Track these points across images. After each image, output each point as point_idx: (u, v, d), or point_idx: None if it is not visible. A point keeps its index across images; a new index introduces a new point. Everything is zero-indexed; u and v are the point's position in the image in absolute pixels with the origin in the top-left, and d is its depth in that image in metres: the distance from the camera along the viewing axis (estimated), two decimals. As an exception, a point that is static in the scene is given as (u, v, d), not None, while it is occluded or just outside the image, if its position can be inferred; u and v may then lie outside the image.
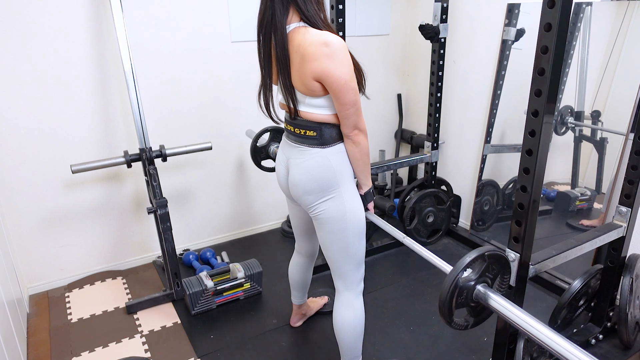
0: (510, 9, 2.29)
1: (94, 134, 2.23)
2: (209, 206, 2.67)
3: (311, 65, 1.27)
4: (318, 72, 1.27)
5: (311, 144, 1.43)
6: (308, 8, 1.31)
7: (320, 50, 1.25)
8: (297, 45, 1.29)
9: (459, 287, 1.22)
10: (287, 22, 1.32)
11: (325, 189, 1.43)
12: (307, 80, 1.30)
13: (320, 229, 1.50)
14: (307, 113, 1.40)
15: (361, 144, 1.40)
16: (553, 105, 1.15)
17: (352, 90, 1.30)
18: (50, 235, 2.27)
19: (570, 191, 2.24)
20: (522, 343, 1.46)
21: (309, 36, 1.28)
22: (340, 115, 1.35)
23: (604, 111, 2.06)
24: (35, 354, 1.91)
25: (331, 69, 1.26)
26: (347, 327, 1.55)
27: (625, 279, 1.75)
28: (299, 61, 1.30)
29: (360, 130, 1.38)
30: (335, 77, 1.27)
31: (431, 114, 2.59)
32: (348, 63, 1.29)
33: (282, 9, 1.30)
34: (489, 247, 1.26)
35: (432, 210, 2.64)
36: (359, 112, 1.35)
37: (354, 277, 1.54)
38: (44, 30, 2.00)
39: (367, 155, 1.45)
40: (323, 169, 1.43)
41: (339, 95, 1.30)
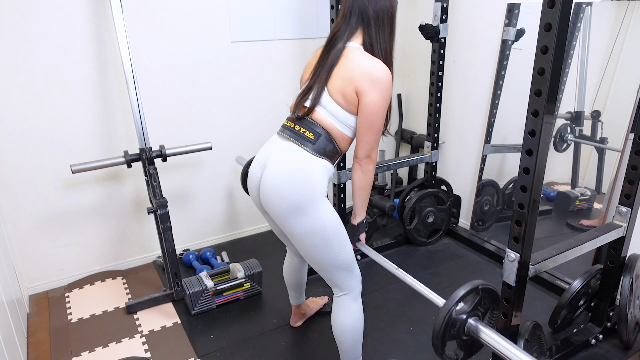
0: (510, 9, 2.29)
1: (94, 134, 2.23)
2: (209, 206, 2.67)
3: (358, 81, 1.37)
4: (361, 88, 1.37)
5: (303, 144, 1.42)
6: (378, 37, 1.44)
7: (370, 74, 1.36)
8: (352, 61, 1.40)
9: (452, 320, 1.25)
10: (350, 39, 1.45)
11: (300, 197, 1.37)
12: (350, 93, 1.39)
13: (302, 245, 1.46)
14: (321, 115, 1.43)
15: (369, 174, 1.48)
16: (553, 105, 1.15)
17: (380, 118, 1.40)
18: (50, 235, 2.27)
19: (570, 191, 2.24)
20: (522, 343, 1.46)
21: (363, 59, 1.39)
22: (359, 139, 1.43)
23: (604, 111, 2.06)
24: (35, 354, 1.91)
25: (372, 91, 1.37)
26: (346, 331, 1.55)
27: (625, 279, 1.75)
28: (349, 74, 1.39)
29: (372, 160, 1.46)
30: (372, 98, 1.37)
31: (431, 114, 2.59)
32: (388, 96, 1.40)
33: (354, 27, 1.44)
34: (480, 281, 1.30)
35: (432, 210, 2.65)
36: (377, 142, 1.44)
37: (349, 282, 1.53)
38: (44, 31, 2.00)
39: (370, 186, 1.52)
40: (305, 174, 1.39)
41: (367, 117, 1.39)
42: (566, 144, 2.22)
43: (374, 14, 1.43)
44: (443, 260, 2.54)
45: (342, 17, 1.47)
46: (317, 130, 1.43)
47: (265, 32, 2.50)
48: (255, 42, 2.50)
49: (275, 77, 2.63)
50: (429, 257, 2.58)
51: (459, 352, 1.33)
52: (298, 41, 2.62)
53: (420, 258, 2.57)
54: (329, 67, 1.43)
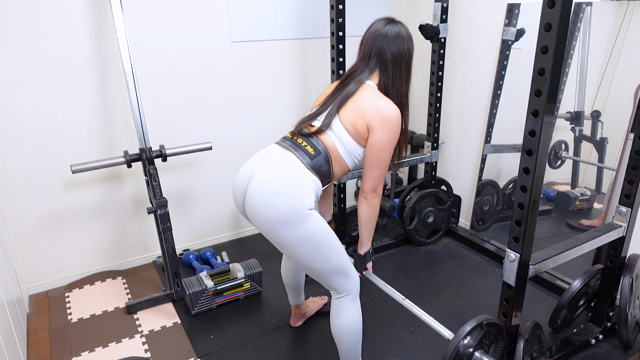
0: (510, 9, 2.29)
1: (94, 134, 2.23)
2: (209, 206, 2.67)
3: (370, 117, 1.44)
4: (373, 124, 1.44)
5: (301, 156, 1.44)
6: (395, 81, 1.51)
7: (382, 113, 1.44)
8: (365, 97, 1.47)
9: (460, 354, 1.30)
10: (367, 79, 1.52)
11: (289, 209, 1.36)
12: (361, 125, 1.45)
13: (292, 255, 1.45)
14: (328, 137, 1.48)
15: (375, 207, 1.52)
16: (553, 105, 1.15)
17: (387, 155, 1.48)
18: (50, 235, 2.27)
19: (570, 191, 2.24)
20: (522, 343, 1.46)
21: (377, 98, 1.47)
22: (366, 174, 1.49)
23: (604, 111, 2.06)
24: (35, 354, 1.91)
25: (383, 129, 1.44)
26: (345, 332, 1.55)
27: (625, 279, 1.75)
28: (362, 108, 1.45)
29: (377, 194, 1.51)
30: (382, 134, 1.44)
31: (431, 114, 2.59)
32: (396, 135, 1.48)
33: (372, 69, 1.52)
34: (485, 316, 1.35)
35: (432, 210, 2.64)
36: (383, 177, 1.50)
37: (346, 284, 1.52)
38: (44, 30, 2.00)
39: (376, 218, 1.55)
40: (296, 184, 1.39)
41: (376, 153, 1.46)
42: (560, 161, 2.25)
43: (392, 57, 1.49)
44: (443, 260, 2.54)
45: (361, 59, 1.54)
46: (318, 148, 1.46)
47: (265, 32, 2.50)
48: (255, 42, 2.50)
49: (275, 77, 2.63)
50: (429, 257, 2.58)
51: None
52: (298, 41, 2.62)
53: (420, 258, 2.57)
54: (344, 97, 1.49)
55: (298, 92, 2.73)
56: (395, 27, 1.50)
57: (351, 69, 1.56)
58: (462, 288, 2.28)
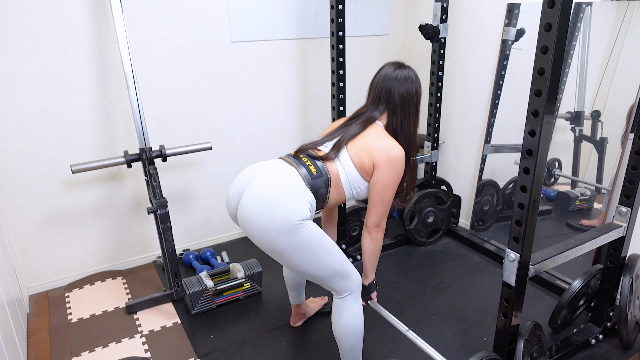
0: (510, 9, 2.29)
1: (94, 134, 2.23)
2: (209, 206, 2.67)
3: (377, 154, 1.49)
4: (379, 162, 1.49)
5: (302, 173, 1.47)
6: (403, 124, 1.56)
7: (388, 152, 1.48)
8: (372, 135, 1.52)
9: None
10: (377, 119, 1.58)
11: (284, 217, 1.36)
12: (368, 161, 1.50)
13: (289, 263, 1.45)
14: (333, 164, 1.52)
15: (378, 241, 1.58)
16: (553, 105, 1.15)
17: (391, 192, 1.52)
18: (50, 235, 2.27)
19: (570, 191, 2.25)
20: (522, 343, 1.46)
21: (384, 137, 1.52)
22: (370, 209, 1.54)
23: (604, 111, 2.06)
24: (35, 354, 1.91)
25: (388, 167, 1.49)
26: (347, 332, 1.55)
27: (625, 279, 1.75)
28: (370, 145, 1.50)
29: (381, 229, 1.56)
30: (387, 173, 1.49)
31: (431, 114, 2.59)
32: (400, 174, 1.52)
33: (382, 111, 1.57)
34: (485, 353, 1.38)
35: (432, 210, 2.65)
36: (386, 213, 1.55)
37: (347, 284, 1.52)
38: (44, 30, 2.00)
39: (379, 251, 1.61)
40: (293, 194, 1.41)
41: (380, 190, 1.50)
42: (554, 179, 2.27)
43: (401, 100, 1.54)
44: (443, 260, 2.54)
45: (371, 101, 1.60)
46: (321, 170, 1.50)
47: (265, 32, 2.50)
48: (255, 42, 2.50)
49: (275, 77, 2.63)
50: (429, 257, 2.58)
51: None
52: (298, 41, 2.62)
53: (420, 258, 2.57)
54: (353, 132, 1.54)
55: (298, 92, 2.73)
56: (404, 72, 1.56)
57: (360, 110, 1.61)
58: (462, 288, 2.28)
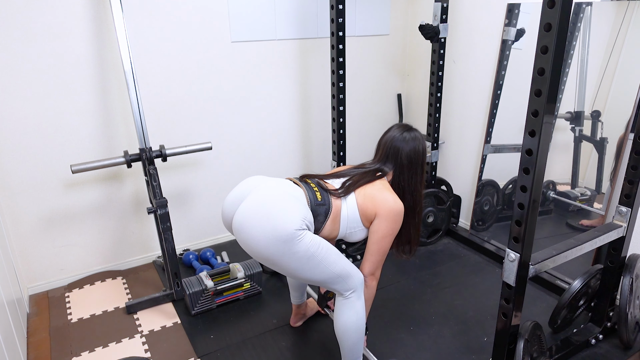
0: (510, 9, 2.29)
1: (94, 134, 2.23)
2: (209, 206, 2.67)
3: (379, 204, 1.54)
4: (380, 212, 1.54)
5: (307, 194, 1.52)
6: (410, 182, 1.63)
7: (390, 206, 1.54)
8: (378, 186, 1.58)
9: None
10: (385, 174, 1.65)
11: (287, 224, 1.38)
12: (370, 209, 1.55)
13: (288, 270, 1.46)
14: (339, 202, 1.57)
15: (372, 290, 1.62)
16: (553, 105, 1.15)
17: (388, 244, 1.57)
18: (50, 235, 2.27)
19: (570, 191, 2.25)
20: (522, 343, 1.46)
21: (388, 191, 1.57)
22: (366, 258, 1.58)
23: (604, 111, 2.06)
24: (35, 354, 1.91)
25: (388, 219, 1.54)
26: (349, 329, 1.55)
27: (625, 279, 1.75)
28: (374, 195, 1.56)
29: (375, 278, 1.61)
30: (387, 224, 1.54)
31: (431, 114, 2.59)
32: (396, 228, 1.57)
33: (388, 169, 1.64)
34: None
35: (432, 210, 2.65)
36: (381, 263, 1.60)
37: (350, 284, 1.53)
38: (44, 30, 2.00)
39: (372, 299, 1.65)
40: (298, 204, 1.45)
41: (378, 239, 1.55)
42: (548, 201, 2.30)
43: (408, 162, 1.61)
44: (443, 260, 2.54)
45: (379, 159, 1.66)
46: (326, 200, 1.55)
47: (265, 32, 2.50)
48: (255, 42, 2.50)
49: (275, 77, 2.63)
50: (429, 257, 2.58)
51: None
52: (298, 41, 2.62)
53: (420, 258, 2.57)
54: (363, 180, 1.60)
55: (298, 92, 2.73)
56: (412, 134, 1.63)
57: (368, 163, 1.69)
58: (462, 288, 2.28)
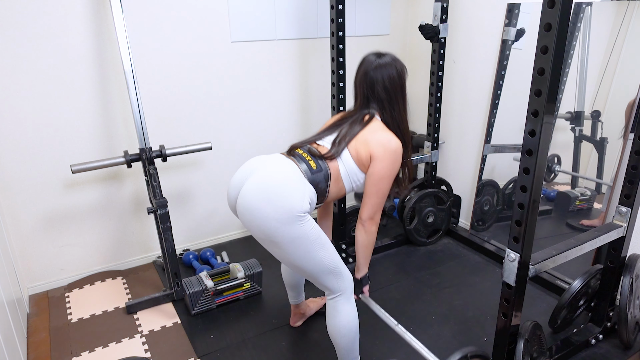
0: (510, 9, 2.29)
1: (94, 134, 2.23)
2: (209, 206, 2.67)
3: (373, 146, 1.51)
4: (376, 154, 1.51)
5: (302, 168, 1.48)
6: (393, 112, 1.59)
7: (385, 144, 1.51)
8: (370, 128, 1.55)
9: None
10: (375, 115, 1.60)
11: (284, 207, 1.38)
12: (365, 153, 1.52)
13: (284, 255, 1.46)
14: (335, 163, 1.53)
15: (372, 234, 1.57)
16: (553, 105, 1.15)
17: (387, 185, 1.53)
18: (50, 235, 2.27)
19: (570, 191, 2.25)
20: (522, 343, 1.46)
21: (381, 130, 1.55)
22: (365, 201, 1.54)
23: (604, 111, 2.06)
24: (35, 354, 1.91)
25: (385, 159, 1.51)
26: (341, 332, 1.56)
27: (625, 279, 1.75)
28: (366, 138, 1.52)
29: (375, 222, 1.56)
30: (383, 165, 1.50)
31: (431, 114, 2.59)
32: (397, 166, 1.54)
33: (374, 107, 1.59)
34: (471, 348, 1.37)
35: (432, 210, 2.64)
36: (381, 206, 1.55)
37: (339, 284, 1.53)
38: (43, 30, 2.00)
39: (373, 244, 1.60)
40: (293, 185, 1.43)
41: (376, 182, 1.51)
42: (553, 174, 2.27)
43: (386, 94, 1.57)
44: (443, 260, 2.54)
45: (360, 104, 1.62)
46: (321, 166, 1.52)
47: (265, 32, 2.50)
48: (255, 42, 2.50)
49: (275, 77, 2.63)
50: (429, 257, 2.58)
51: None
52: (298, 41, 2.62)
53: (420, 258, 2.57)
54: (355, 131, 1.55)
55: (298, 92, 2.73)
56: (382, 59, 1.58)
57: (351, 112, 1.64)
58: (462, 288, 2.28)
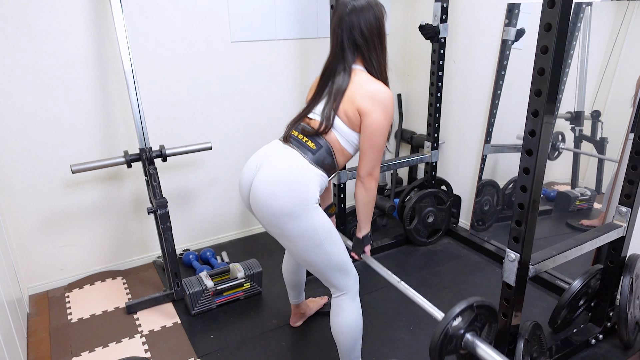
0: (510, 9, 2.29)
1: (94, 134, 2.23)
2: (209, 206, 2.67)
3: (360, 102, 1.43)
4: (364, 109, 1.43)
5: (303, 152, 1.46)
6: (372, 60, 1.49)
7: (373, 96, 1.43)
8: (356, 83, 1.46)
9: (449, 335, 1.27)
10: (354, 63, 1.50)
11: (292, 203, 1.38)
12: (352, 111, 1.44)
13: (293, 248, 1.46)
14: (332, 135, 1.48)
15: (371, 191, 1.51)
16: (553, 105, 1.15)
17: (382, 137, 1.45)
18: (50, 236, 2.27)
19: (570, 191, 2.25)
20: (522, 343, 1.46)
21: (367, 82, 1.46)
22: (361, 157, 1.48)
23: (604, 111, 2.06)
24: (35, 354, 1.91)
25: (375, 112, 1.42)
26: (344, 331, 1.55)
27: (625, 279, 1.75)
28: (352, 95, 1.45)
29: (374, 177, 1.49)
30: (374, 118, 1.42)
31: (431, 114, 2.59)
32: (390, 115, 1.45)
33: (352, 56, 1.49)
34: (477, 298, 1.32)
35: (432, 210, 2.64)
36: (378, 160, 1.48)
37: (346, 282, 1.53)
38: (43, 30, 2.00)
39: (373, 202, 1.54)
40: (299, 178, 1.42)
41: (370, 136, 1.44)
42: (557, 152, 2.25)
43: (363, 39, 1.47)
44: (443, 260, 2.54)
45: (336, 53, 1.51)
46: (319, 142, 1.48)
47: (265, 32, 2.50)
48: (255, 42, 2.50)
49: (275, 77, 2.63)
50: (429, 257, 2.58)
51: None
52: (298, 41, 2.62)
53: (420, 258, 2.57)
54: (341, 92, 1.47)
55: (298, 92, 2.73)
56: (358, 2, 1.45)
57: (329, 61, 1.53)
58: (462, 288, 2.28)
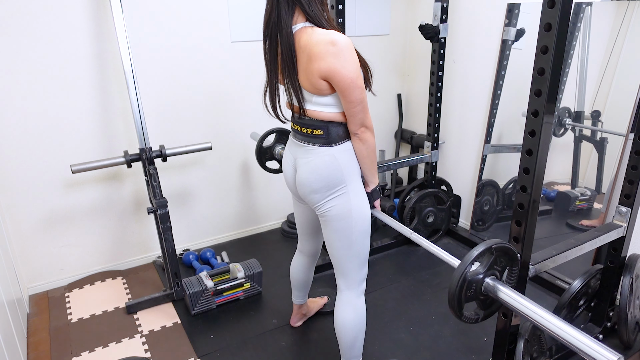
0: (510, 9, 2.29)
1: (94, 134, 2.23)
2: (209, 206, 2.67)
3: (318, 64, 1.28)
4: (325, 70, 1.28)
5: (318, 143, 1.44)
6: (312, 8, 1.32)
7: (327, 50, 1.26)
8: (304, 45, 1.30)
9: (468, 280, 1.21)
10: (293, 23, 1.33)
11: (332, 187, 1.44)
12: (314, 79, 1.31)
13: (325, 226, 1.51)
14: (314, 111, 1.40)
15: (368, 141, 1.41)
16: (553, 105, 1.15)
17: (359, 88, 1.31)
18: (50, 235, 2.27)
19: (570, 191, 2.24)
20: (522, 343, 1.46)
21: (315, 36, 1.28)
22: (347, 114, 1.36)
23: (604, 111, 2.06)
24: (35, 354, 1.91)
25: (338, 68, 1.27)
26: (348, 326, 1.55)
27: (625, 279, 1.75)
28: (306, 60, 1.30)
29: (367, 127, 1.39)
30: (341, 75, 1.27)
31: (431, 114, 2.59)
32: (354, 61, 1.29)
33: (288, 9, 1.31)
34: (496, 240, 1.24)
35: (432, 210, 2.64)
36: (365, 109, 1.36)
37: (356, 276, 1.54)
38: (44, 30, 2.00)
39: (374, 153, 1.46)
40: (330, 168, 1.43)
41: (345, 94, 1.31)
42: (564, 129, 2.21)
43: None
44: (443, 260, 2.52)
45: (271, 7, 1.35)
46: (321, 125, 1.40)
47: (265, 32, 2.50)
48: (255, 42, 2.50)
49: (275, 77, 2.62)
50: (429, 257, 2.58)
51: (479, 311, 1.30)
52: (298, 41, 2.62)
53: (420, 258, 2.57)
54: (291, 64, 1.33)
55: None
56: None
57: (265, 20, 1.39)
58: (462, 288, 2.28)
